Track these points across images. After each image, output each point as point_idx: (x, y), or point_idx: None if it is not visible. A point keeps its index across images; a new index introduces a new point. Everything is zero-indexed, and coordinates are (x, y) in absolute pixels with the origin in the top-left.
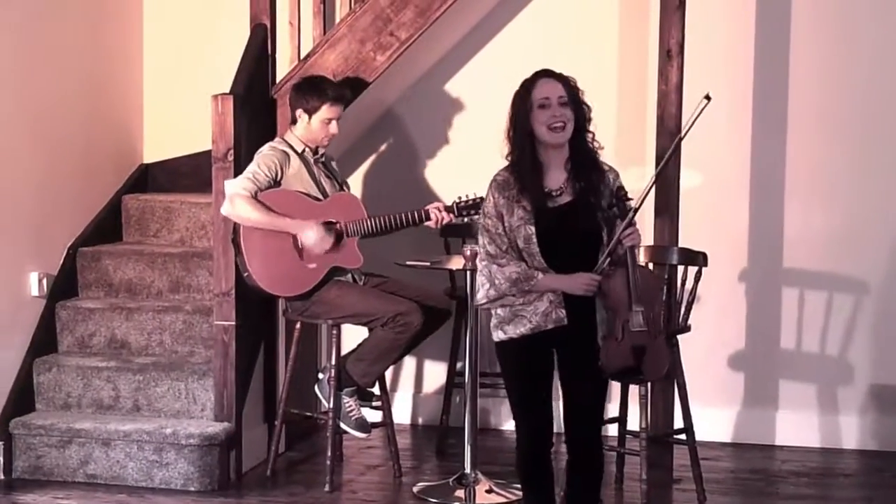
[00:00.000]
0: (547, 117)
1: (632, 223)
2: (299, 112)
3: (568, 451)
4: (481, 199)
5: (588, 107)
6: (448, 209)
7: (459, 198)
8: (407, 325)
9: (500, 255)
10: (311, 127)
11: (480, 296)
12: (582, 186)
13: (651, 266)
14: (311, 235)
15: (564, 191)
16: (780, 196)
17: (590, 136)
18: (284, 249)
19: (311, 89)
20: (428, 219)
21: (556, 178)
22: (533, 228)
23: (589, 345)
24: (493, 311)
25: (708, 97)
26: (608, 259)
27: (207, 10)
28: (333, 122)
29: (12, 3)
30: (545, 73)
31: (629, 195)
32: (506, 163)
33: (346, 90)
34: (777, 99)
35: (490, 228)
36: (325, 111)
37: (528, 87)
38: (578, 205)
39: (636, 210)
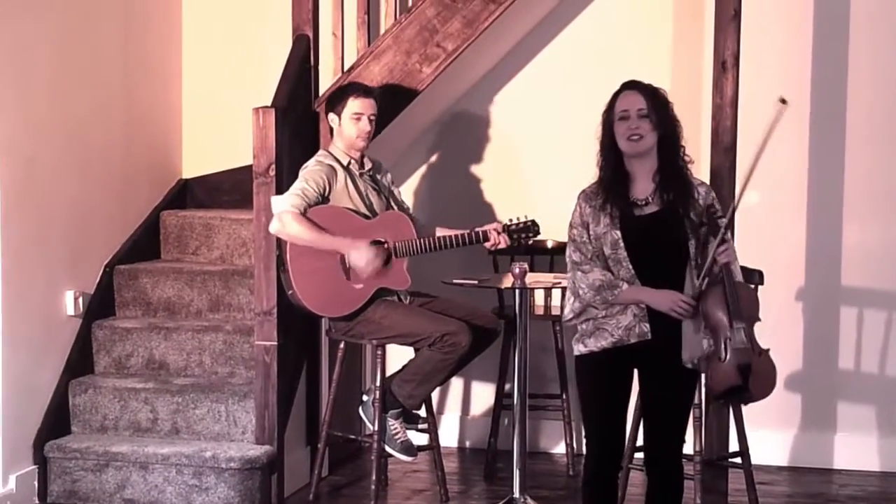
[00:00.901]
0: (625, 129)
1: (724, 240)
2: (331, 117)
3: (648, 474)
4: (532, 222)
5: (675, 120)
6: (503, 232)
7: (511, 220)
8: (455, 345)
9: (585, 262)
10: (342, 129)
11: (566, 311)
12: (669, 198)
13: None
14: (362, 256)
15: (651, 201)
16: (837, 213)
17: (681, 149)
18: (331, 268)
19: (337, 91)
20: (486, 240)
21: (642, 188)
22: (619, 233)
23: (674, 362)
24: (577, 326)
25: (783, 100)
26: (706, 279)
27: (248, 22)
28: (364, 118)
29: (49, 16)
30: (629, 85)
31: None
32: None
33: (374, 88)
34: (835, 114)
35: (576, 238)
36: (351, 105)
37: (612, 99)
38: (665, 215)
39: (727, 226)
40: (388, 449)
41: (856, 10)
